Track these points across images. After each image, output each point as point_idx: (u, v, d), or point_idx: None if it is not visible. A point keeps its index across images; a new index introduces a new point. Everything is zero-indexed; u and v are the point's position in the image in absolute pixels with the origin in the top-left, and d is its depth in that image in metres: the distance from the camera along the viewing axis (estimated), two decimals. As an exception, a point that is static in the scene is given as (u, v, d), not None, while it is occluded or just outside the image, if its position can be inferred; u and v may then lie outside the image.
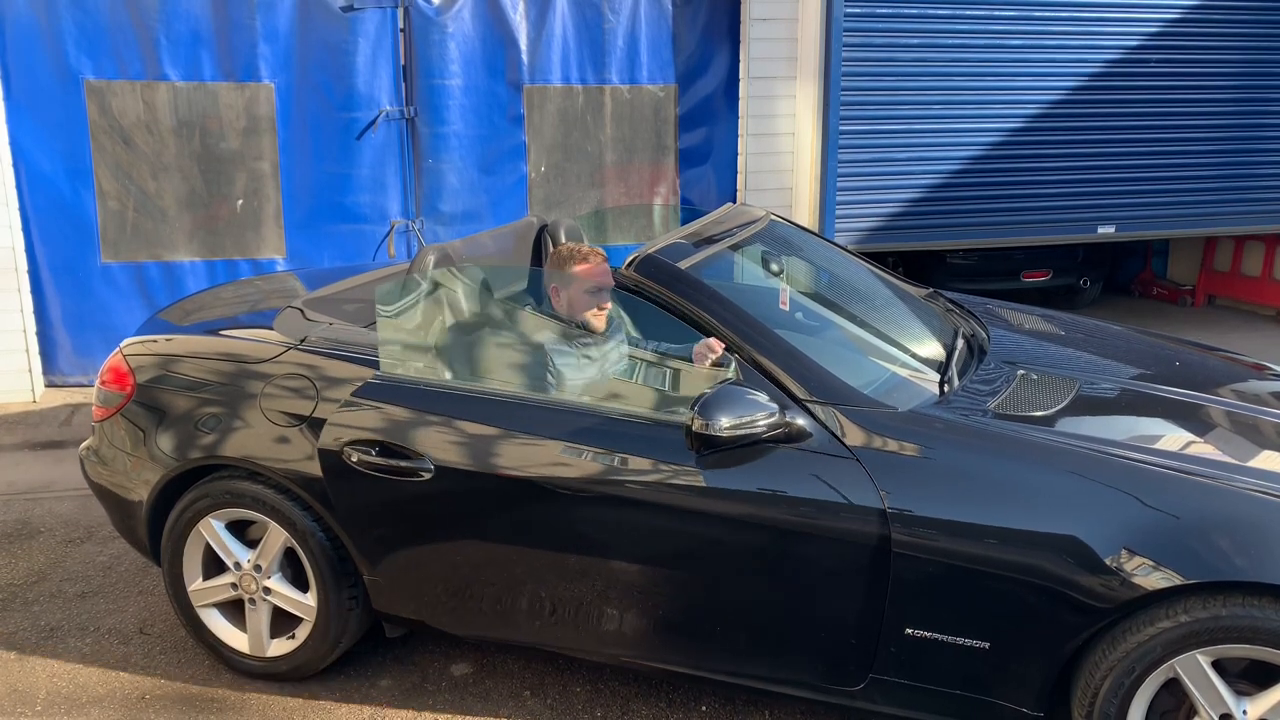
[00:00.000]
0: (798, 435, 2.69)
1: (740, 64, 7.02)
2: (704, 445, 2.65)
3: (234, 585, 3.29)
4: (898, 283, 3.87)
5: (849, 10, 6.75)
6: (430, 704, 3.21)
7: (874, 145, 7.06)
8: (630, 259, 3.02)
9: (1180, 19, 7.36)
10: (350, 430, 3.01)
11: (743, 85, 7.02)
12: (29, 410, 6.08)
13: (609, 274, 3.34)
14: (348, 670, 3.38)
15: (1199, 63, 7.49)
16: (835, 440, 2.68)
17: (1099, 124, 7.41)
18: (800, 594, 2.70)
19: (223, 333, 3.50)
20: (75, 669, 3.43)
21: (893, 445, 2.65)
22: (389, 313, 3.22)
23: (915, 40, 6.96)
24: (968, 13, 7.00)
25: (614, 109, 6.95)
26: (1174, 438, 2.80)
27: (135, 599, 3.88)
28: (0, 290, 6.07)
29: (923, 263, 8.02)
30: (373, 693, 3.27)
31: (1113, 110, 7.40)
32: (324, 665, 3.29)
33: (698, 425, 2.62)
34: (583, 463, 2.81)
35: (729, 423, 2.61)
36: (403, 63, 6.52)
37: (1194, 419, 2.95)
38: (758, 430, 2.63)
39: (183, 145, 6.34)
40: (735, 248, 3.45)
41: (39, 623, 3.73)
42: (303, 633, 3.25)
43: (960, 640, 2.59)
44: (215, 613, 3.37)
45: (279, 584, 3.24)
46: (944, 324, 3.54)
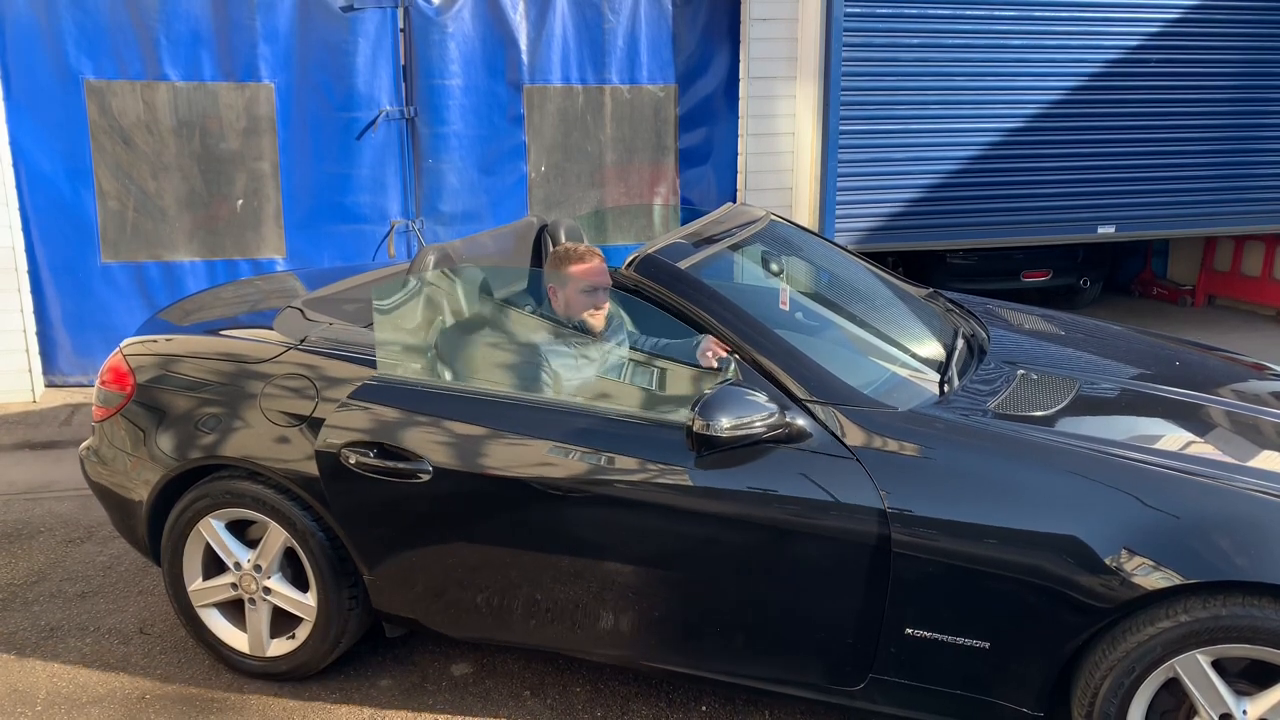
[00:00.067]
0: (798, 435, 2.69)
1: (740, 64, 7.02)
2: (704, 446, 2.65)
3: (234, 585, 3.29)
4: (898, 283, 3.87)
5: (849, 10, 6.75)
6: (430, 704, 3.21)
7: (874, 145, 7.06)
8: (630, 259, 3.02)
9: (1180, 19, 7.36)
10: (349, 432, 3.01)
11: (743, 85, 7.02)
12: (29, 410, 6.08)
13: (605, 273, 3.34)
14: (347, 670, 3.37)
15: (1199, 63, 7.49)
16: (835, 440, 2.68)
17: (1099, 124, 7.41)
18: (800, 594, 2.70)
19: (223, 333, 3.50)
20: (75, 669, 3.43)
21: (893, 445, 2.65)
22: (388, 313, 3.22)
23: (915, 40, 6.96)
24: (968, 13, 7.01)
25: (614, 109, 6.95)
26: (1174, 438, 2.80)
27: (135, 599, 3.88)
28: (0, 290, 6.08)
29: (923, 263, 8.02)
30: (372, 693, 3.27)
31: (1112, 110, 7.40)
32: (324, 665, 3.29)
33: (698, 426, 2.62)
34: (583, 464, 2.81)
35: (729, 423, 2.61)
36: (403, 63, 6.52)
37: (1194, 419, 2.95)
38: (758, 430, 2.63)
39: (183, 145, 6.35)
40: (735, 248, 3.45)
41: (39, 623, 3.73)
42: (302, 633, 3.25)
43: (960, 640, 2.59)
44: (215, 613, 3.37)
45: (279, 584, 3.24)
46: (944, 324, 3.54)
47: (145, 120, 6.25)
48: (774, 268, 3.59)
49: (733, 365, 2.83)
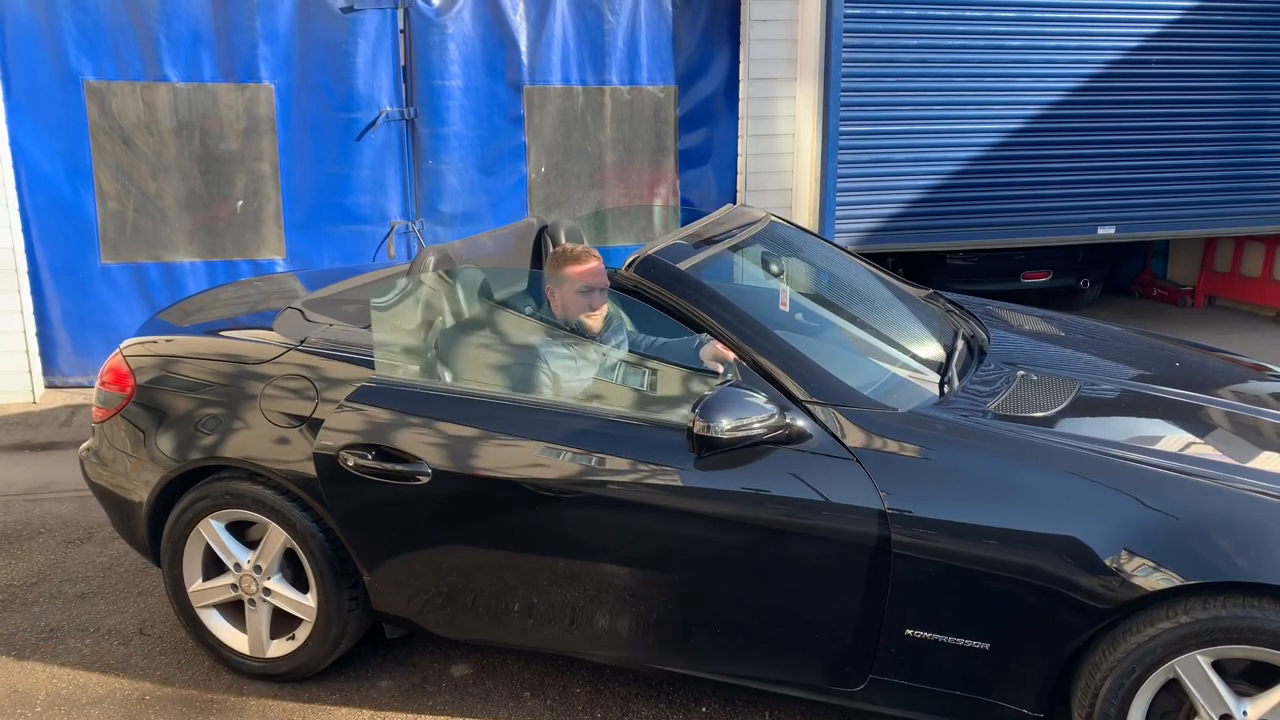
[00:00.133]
0: (798, 436, 2.69)
1: (740, 65, 7.02)
2: (705, 447, 2.66)
3: (234, 586, 3.28)
4: (897, 284, 3.87)
5: (849, 11, 6.76)
6: (430, 705, 3.21)
7: (874, 146, 7.07)
8: (630, 260, 3.02)
9: (1180, 20, 7.36)
10: (348, 434, 3.01)
11: (743, 86, 7.03)
12: (29, 411, 6.08)
13: (602, 274, 3.34)
14: (347, 671, 3.37)
15: (1199, 64, 7.50)
16: (835, 441, 2.68)
17: (1099, 125, 7.41)
18: (800, 595, 2.70)
19: (223, 333, 3.50)
20: (75, 670, 3.43)
21: (893, 446, 2.65)
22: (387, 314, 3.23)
23: (915, 41, 6.97)
24: (967, 14, 7.01)
25: (614, 110, 6.95)
26: (1174, 438, 2.80)
27: (135, 600, 3.88)
28: (0, 290, 6.08)
29: (923, 264, 8.03)
30: (372, 694, 3.27)
31: (1112, 111, 7.41)
32: (324, 666, 3.28)
33: (699, 427, 2.62)
34: (583, 465, 2.81)
35: (730, 424, 2.61)
36: (403, 63, 6.52)
37: (1194, 420, 2.95)
38: (758, 431, 2.63)
39: (183, 146, 6.35)
40: (735, 249, 3.45)
41: (39, 623, 3.73)
42: (302, 633, 3.24)
43: (960, 641, 2.59)
44: (215, 613, 3.37)
45: (279, 585, 3.23)
46: (944, 325, 3.54)
47: (145, 121, 6.25)
48: (774, 269, 3.59)
49: (731, 366, 2.83)
